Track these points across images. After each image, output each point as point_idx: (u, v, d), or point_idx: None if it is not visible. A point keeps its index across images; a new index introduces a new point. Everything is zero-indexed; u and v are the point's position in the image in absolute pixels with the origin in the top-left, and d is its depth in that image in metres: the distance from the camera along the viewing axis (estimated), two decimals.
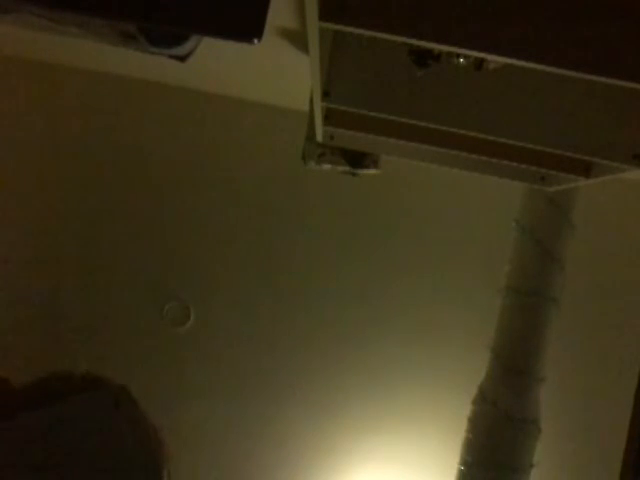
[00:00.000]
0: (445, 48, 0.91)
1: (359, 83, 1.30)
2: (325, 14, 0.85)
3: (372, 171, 2.22)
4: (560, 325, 2.16)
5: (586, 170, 1.51)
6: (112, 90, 2.97)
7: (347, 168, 2.18)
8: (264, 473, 2.98)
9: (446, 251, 2.95)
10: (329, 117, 1.52)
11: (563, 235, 2.11)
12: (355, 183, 2.57)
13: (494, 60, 1.11)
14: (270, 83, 2.63)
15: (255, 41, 1.03)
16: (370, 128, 1.53)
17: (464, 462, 2.16)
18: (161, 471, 0.94)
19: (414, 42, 0.90)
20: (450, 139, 1.49)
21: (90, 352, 2.98)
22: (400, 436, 2.96)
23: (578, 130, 1.31)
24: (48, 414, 0.88)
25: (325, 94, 1.29)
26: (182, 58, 1.37)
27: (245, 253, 3.00)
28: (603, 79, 0.87)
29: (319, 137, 1.71)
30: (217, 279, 3.01)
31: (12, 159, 2.98)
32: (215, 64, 2.31)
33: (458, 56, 1.14)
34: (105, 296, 2.99)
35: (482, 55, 0.90)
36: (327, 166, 2.19)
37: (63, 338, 2.98)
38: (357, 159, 2.16)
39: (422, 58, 1.18)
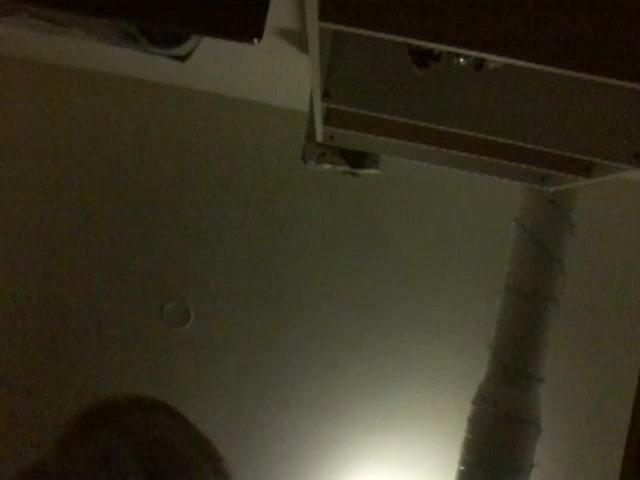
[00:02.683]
0: (445, 48, 0.91)
1: (359, 83, 1.30)
2: (325, 14, 0.85)
3: (372, 171, 2.22)
4: (560, 325, 2.17)
5: (586, 170, 1.52)
6: (112, 90, 2.97)
7: (347, 168, 2.18)
8: (264, 473, 2.98)
9: (446, 251, 2.95)
10: (329, 117, 1.52)
11: (563, 235, 2.11)
12: (355, 183, 2.57)
13: (494, 60, 1.11)
14: (270, 83, 2.63)
15: (255, 41, 1.03)
16: (370, 128, 1.53)
17: (464, 462, 2.16)
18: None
19: (414, 42, 0.90)
20: (450, 139, 1.49)
21: (90, 352, 2.98)
22: (400, 436, 2.96)
23: (578, 130, 1.31)
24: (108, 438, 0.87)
25: (325, 94, 1.29)
26: (182, 58, 1.37)
27: (245, 253, 3.00)
28: (603, 79, 0.87)
29: (319, 137, 1.71)
30: (217, 279, 3.01)
31: (12, 159, 2.99)
32: (215, 64, 2.31)
33: (458, 56, 1.14)
34: (105, 296, 2.99)
35: (482, 55, 0.90)
36: (327, 166, 2.19)
37: (63, 338, 2.98)
38: (357, 159, 2.16)
39: (422, 58, 1.18)
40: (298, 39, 1.87)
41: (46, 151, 2.99)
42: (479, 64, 1.19)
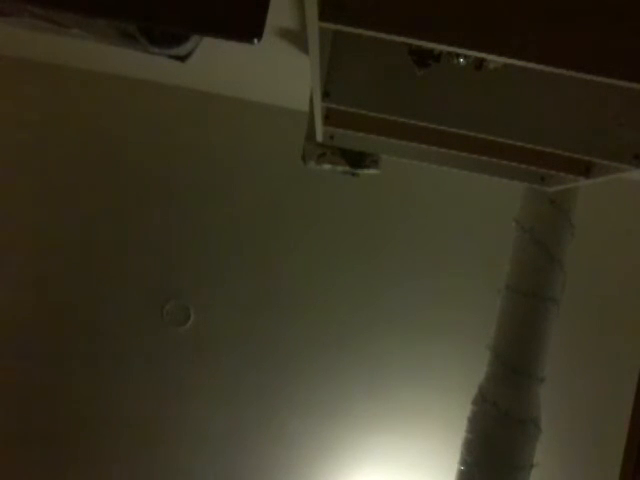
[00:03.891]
0: (445, 48, 0.90)
1: (359, 83, 1.30)
2: (325, 14, 0.85)
3: (372, 171, 2.22)
4: (560, 325, 2.17)
5: (586, 170, 1.52)
6: (112, 90, 2.97)
7: (347, 168, 2.18)
8: (263, 472, 2.98)
9: (446, 251, 2.95)
10: (329, 117, 1.52)
11: (563, 235, 2.11)
12: (355, 183, 2.57)
13: (494, 60, 1.11)
14: (270, 83, 2.63)
15: (255, 41, 1.03)
16: (370, 128, 1.53)
17: (464, 462, 2.16)
18: None
19: (414, 42, 0.90)
20: (450, 139, 1.49)
21: (91, 351, 2.98)
22: (400, 436, 2.96)
23: (578, 130, 1.31)
24: None
25: (325, 94, 1.29)
26: (182, 58, 1.38)
27: (245, 253, 3.00)
28: (603, 79, 0.87)
29: (319, 137, 1.71)
30: (217, 279, 3.01)
31: (12, 159, 2.99)
32: (215, 64, 2.32)
33: (458, 56, 1.14)
34: (106, 296, 2.99)
35: (482, 55, 0.90)
36: (327, 166, 2.19)
37: (64, 337, 2.98)
38: (357, 159, 2.16)
39: (422, 58, 1.18)
40: (298, 39, 1.87)
41: (46, 151, 2.99)
42: (479, 64, 1.19)
